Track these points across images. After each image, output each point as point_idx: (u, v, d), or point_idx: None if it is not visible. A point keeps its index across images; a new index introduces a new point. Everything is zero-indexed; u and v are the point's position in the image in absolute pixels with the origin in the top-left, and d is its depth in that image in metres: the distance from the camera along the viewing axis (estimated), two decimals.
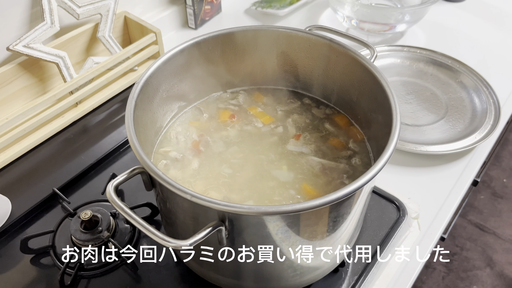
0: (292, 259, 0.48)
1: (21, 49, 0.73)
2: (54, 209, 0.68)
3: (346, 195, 0.40)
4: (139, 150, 0.43)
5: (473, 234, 1.63)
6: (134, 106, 0.48)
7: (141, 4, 0.96)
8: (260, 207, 0.39)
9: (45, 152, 0.75)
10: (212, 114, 0.63)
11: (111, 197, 0.42)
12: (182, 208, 0.46)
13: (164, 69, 0.55)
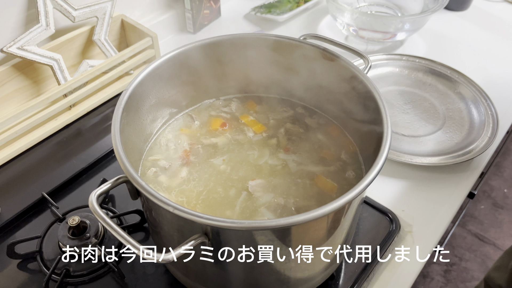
0: (280, 272, 0.47)
1: (15, 51, 0.72)
2: (43, 213, 0.67)
3: (333, 210, 0.39)
4: (124, 160, 0.43)
5: (472, 245, 1.62)
6: (121, 114, 0.48)
7: (140, 7, 0.96)
8: (242, 222, 0.38)
9: (37, 155, 0.75)
10: (203, 122, 0.62)
11: (93, 207, 0.41)
12: (166, 219, 0.45)
13: (154, 76, 0.54)
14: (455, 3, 1.09)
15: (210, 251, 0.43)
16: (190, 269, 0.52)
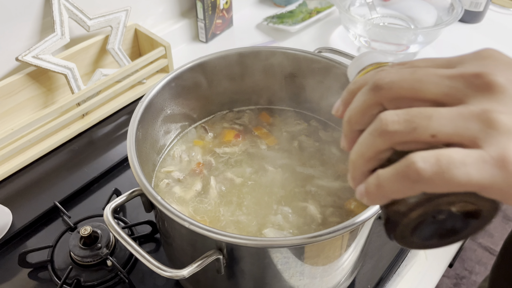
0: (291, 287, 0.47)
1: (30, 60, 0.73)
2: (54, 222, 0.67)
3: (349, 229, 0.39)
4: (139, 174, 0.43)
5: (482, 258, 1.60)
6: (136, 126, 0.47)
7: (153, 16, 0.96)
8: (257, 239, 0.38)
9: (49, 164, 0.75)
10: (217, 134, 0.62)
11: (108, 221, 0.41)
12: (180, 234, 0.45)
13: (169, 87, 0.54)
14: (469, 16, 1.08)
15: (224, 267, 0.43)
16: (201, 283, 0.51)
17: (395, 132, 0.24)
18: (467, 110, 0.23)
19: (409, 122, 0.24)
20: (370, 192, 0.25)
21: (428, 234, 0.27)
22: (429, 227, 0.27)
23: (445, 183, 0.22)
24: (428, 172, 0.22)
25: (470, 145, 0.23)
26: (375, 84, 0.26)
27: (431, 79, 0.25)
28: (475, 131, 0.23)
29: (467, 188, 0.22)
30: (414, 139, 0.24)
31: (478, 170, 0.22)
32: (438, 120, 0.23)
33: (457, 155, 0.22)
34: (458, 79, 0.25)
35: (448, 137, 0.23)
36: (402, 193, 0.24)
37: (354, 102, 0.28)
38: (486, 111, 0.23)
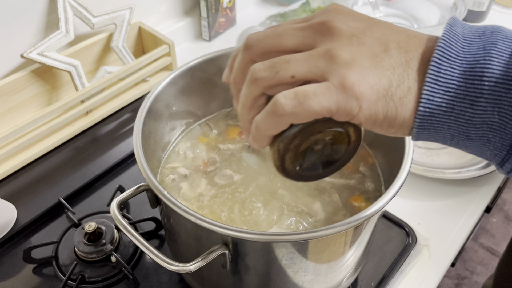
0: (297, 285, 0.47)
1: (35, 57, 0.73)
2: (59, 218, 0.67)
3: (353, 225, 0.39)
4: (146, 169, 0.43)
5: (484, 258, 1.60)
6: (143, 121, 0.48)
7: (156, 14, 0.97)
8: (264, 234, 0.38)
9: (53, 160, 0.75)
10: (221, 131, 0.62)
11: (115, 215, 0.41)
12: (186, 229, 0.45)
13: (174, 84, 0.54)
14: (472, 15, 1.08)
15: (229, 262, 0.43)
16: (205, 279, 0.52)
17: (262, 78, 0.29)
18: (315, 52, 0.29)
19: (272, 68, 0.29)
20: (253, 136, 0.31)
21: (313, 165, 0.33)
22: (312, 158, 0.33)
23: (304, 112, 0.27)
24: (289, 106, 0.27)
25: (321, 79, 0.28)
26: (246, 44, 0.31)
27: (288, 32, 0.30)
28: (322, 67, 0.28)
29: (322, 114, 0.28)
30: (278, 81, 0.29)
31: (327, 97, 0.27)
32: (294, 63, 0.28)
33: (310, 88, 0.27)
34: (309, 29, 0.30)
35: (304, 75, 0.28)
36: (276, 128, 0.29)
37: (234, 65, 0.33)
38: (329, 50, 0.28)
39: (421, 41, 0.29)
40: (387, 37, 0.29)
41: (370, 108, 0.28)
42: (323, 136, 0.31)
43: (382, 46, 0.28)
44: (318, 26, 0.29)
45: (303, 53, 0.29)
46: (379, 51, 0.28)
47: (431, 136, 0.29)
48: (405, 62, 0.28)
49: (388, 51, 0.28)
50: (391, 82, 0.27)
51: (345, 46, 0.28)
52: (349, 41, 0.28)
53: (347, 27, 0.29)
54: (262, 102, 0.30)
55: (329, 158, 0.33)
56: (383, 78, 0.27)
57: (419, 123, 0.28)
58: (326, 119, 0.29)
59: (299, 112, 0.27)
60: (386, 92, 0.27)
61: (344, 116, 0.28)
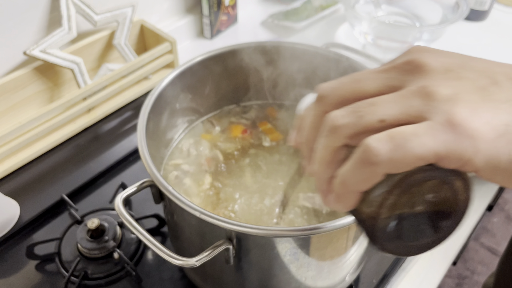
0: (300, 281, 0.47)
1: (37, 54, 0.73)
2: (61, 215, 0.68)
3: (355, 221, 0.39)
4: (150, 164, 0.43)
5: (485, 258, 1.60)
6: (147, 117, 0.48)
7: (158, 12, 0.97)
8: (268, 229, 0.38)
9: (56, 158, 0.75)
10: (224, 128, 0.62)
11: (119, 210, 0.41)
12: (190, 224, 0.45)
13: (178, 81, 0.55)
14: (474, 14, 1.08)
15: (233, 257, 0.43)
16: (208, 275, 0.52)
17: (344, 125, 0.25)
18: (406, 91, 0.24)
19: (355, 113, 0.25)
20: (338, 193, 0.26)
21: (410, 233, 0.26)
22: (409, 224, 0.26)
23: (403, 157, 0.22)
24: (384, 150, 0.22)
25: (418, 120, 0.23)
26: (318, 96, 0.27)
27: (368, 76, 0.26)
28: (419, 107, 0.23)
29: (426, 158, 0.22)
30: (363, 128, 0.24)
31: (432, 138, 0.22)
32: (382, 105, 0.24)
33: (408, 129, 0.23)
34: (393, 70, 0.26)
35: (396, 118, 0.24)
36: (367, 181, 0.24)
37: (305, 122, 0.29)
38: (423, 87, 0.24)
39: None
40: (492, 69, 0.25)
41: (489, 149, 0.22)
42: (425, 192, 0.25)
43: (488, 78, 0.24)
44: (404, 66, 0.25)
45: (391, 94, 0.25)
46: (485, 83, 0.24)
47: None
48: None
49: (498, 83, 0.24)
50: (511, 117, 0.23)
51: (442, 81, 0.24)
52: (445, 75, 0.24)
53: (439, 63, 0.25)
54: (342, 156, 0.26)
55: (432, 223, 0.26)
56: (499, 111, 0.23)
57: None
58: (427, 167, 0.23)
59: (397, 158, 0.22)
60: (506, 128, 0.23)
61: (456, 161, 0.23)
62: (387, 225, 0.25)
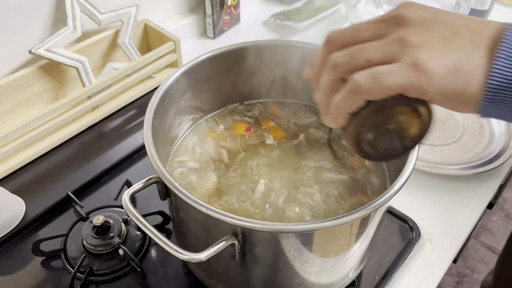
0: (304, 276, 0.48)
1: (43, 53, 0.74)
2: (66, 212, 0.68)
3: (359, 217, 0.40)
4: (157, 161, 0.44)
5: (485, 256, 1.60)
6: (153, 115, 0.48)
7: (161, 12, 0.97)
8: (273, 224, 0.39)
9: (61, 155, 0.76)
10: (228, 126, 0.63)
11: (126, 206, 0.42)
12: (196, 220, 0.46)
13: (183, 79, 0.55)
14: (474, 14, 1.09)
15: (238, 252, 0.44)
16: (213, 270, 0.52)
17: (341, 63, 0.33)
18: (388, 39, 0.32)
19: (350, 54, 0.33)
20: (333, 114, 0.34)
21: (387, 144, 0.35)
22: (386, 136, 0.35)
23: (378, 88, 0.31)
24: (365, 83, 0.31)
25: (394, 62, 0.31)
26: (326, 40, 0.35)
27: (364, 26, 0.34)
28: (396, 51, 0.31)
29: (395, 89, 0.30)
30: (355, 66, 0.32)
31: (399, 75, 0.30)
32: (370, 49, 0.32)
33: (384, 68, 0.31)
34: (382, 22, 0.33)
35: (378, 59, 0.32)
36: (352, 105, 0.33)
37: (315, 61, 0.36)
38: (401, 36, 0.31)
39: (490, 24, 0.31)
40: (457, 22, 0.31)
41: (440, 83, 0.29)
42: (396, 114, 0.33)
43: (452, 30, 0.31)
44: (390, 18, 0.32)
45: (377, 41, 0.32)
46: (448, 34, 0.30)
47: (500, 111, 0.30)
48: (475, 42, 0.30)
49: (458, 34, 0.30)
50: (461, 59, 0.29)
51: (416, 32, 0.31)
52: (419, 27, 0.31)
53: (417, 16, 0.31)
54: (339, 86, 0.33)
55: (403, 137, 0.35)
56: (452, 56, 0.30)
57: (489, 97, 0.29)
58: (398, 96, 0.31)
59: (374, 89, 0.30)
60: (455, 68, 0.29)
61: (415, 92, 0.30)
62: (367, 137, 0.34)
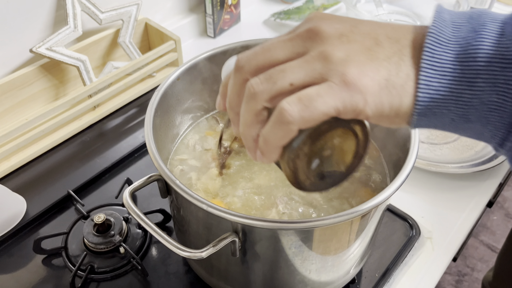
0: (304, 274, 0.48)
1: (44, 52, 0.74)
2: (67, 210, 0.68)
3: (359, 214, 0.40)
4: (157, 158, 0.44)
5: (485, 255, 1.61)
6: (154, 113, 0.49)
7: (162, 11, 0.98)
8: (274, 221, 0.39)
9: (62, 154, 0.76)
10: (228, 124, 0.63)
11: (127, 203, 0.42)
12: (196, 217, 0.46)
13: (184, 78, 0.55)
14: None
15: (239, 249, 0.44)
16: (214, 268, 0.53)
17: (261, 91, 0.29)
18: (309, 56, 0.29)
19: (269, 79, 0.29)
20: (262, 150, 0.30)
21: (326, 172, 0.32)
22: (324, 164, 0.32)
23: (311, 114, 0.27)
24: (295, 111, 0.27)
25: (320, 81, 0.28)
26: (236, 66, 0.31)
27: (277, 45, 0.30)
28: (319, 70, 0.28)
29: (330, 113, 0.27)
30: (277, 91, 0.29)
31: (331, 96, 0.27)
32: (291, 71, 0.29)
33: (312, 91, 0.27)
34: (297, 39, 0.30)
35: (302, 81, 0.28)
36: (284, 137, 0.29)
37: (228, 89, 0.32)
38: (322, 52, 0.28)
39: (408, 30, 0.29)
40: (375, 31, 0.29)
41: (375, 100, 0.27)
42: (332, 139, 0.31)
43: (372, 39, 0.29)
44: (305, 34, 0.30)
45: (297, 60, 0.29)
46: (370, 44, 0.29)
47: (431, 122, 0.29)
48: (398, 51, 0.28)
49: (380, 43, 0.29)
50: (390, 71, 0.28)
51: (337, 46, 0.28)
52: (339, 40, 0.29)
53: (333, 29, 0.29)
54: (263, 117, 0.30)
55: (341, 162, 0.33)
56: (381, 68, 0.28)
57: (419, 110, 0.28)
58: (331, 119, 0.28)
59: (306, 116, 0.27)
60: (387, 82, 0.28)
61: (351, 113, 0.28)
62: (304, 169, 0.31)
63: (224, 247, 0.42)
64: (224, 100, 0.34)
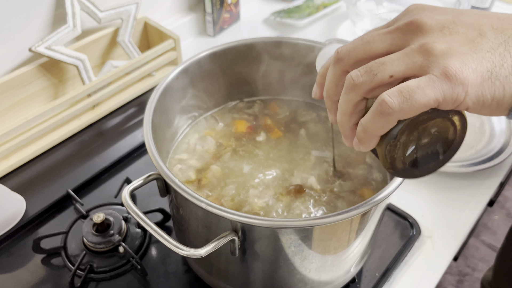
0: (304, 273, 0.48)
1: (43, 51, 0.74)
2: (67, 210, 0.68)
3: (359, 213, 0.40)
4: (156, 157, 0.44)
5: (486, 255, 1.60)
6: (153, 112, 0.48)
7: (161, 10, 0.97)
8: (273, 220, 0.39)
9: (61, 153, 0.76)
10: (227, 124, 0.63)
11: (126, 202, 0.42)
12: (196, 216, 0.46)
13: (182, 77, 0.55)
14: None
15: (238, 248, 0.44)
16: (214, 267, 0.52)
17: (361, 83, 0.30)
18: (409, 49, 0.29)
19: (370, 72, 0.30)
20: (361, 138, 0.31)
21: (422, 160, 0.33)
22: (420, 152, 0.32)
23: (411, 106, 0.28)
24: (396, 103, 0.28)
25: (421, 74, 0.28)
26: (336, 58, 0.32)
27: (376, 38, 0.31)
28: (420, 62, 0.28)
29: (429, 105, 0.28)
30: (377, 83, 0.30)
31: (432, 89, 0.27)
32: (391, 63, 0.29)
33: (413, 83, 0.28)
34: (396, 31, 0.31)
35: (403, 73, 0.29)
36: (384, 127, 0.30)
37: (327, 79, 0.34)
38: (423, 45, 0.29)
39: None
40: (479, 22, 0.29)
41: (476, 91, 0.28)
42: (429, 128, 0.31)
43: (476, 31, 0.29)
44: (405, 26, 0.30)
45: (397, 52, 0.30)
46: (474, 36, 0.29)
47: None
48: (504, 42, 0.28)
49: (484, 35, 0.29)
50: (494, 63, 0.28)
51: (438, 38, 0.29)
52: (441, 33, 0.29)
53: (435, 21, 0.29)
54: (362, 107, 0.31)
55: (437, 150, 0.33)
56: (484, 60, 0.28)
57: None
58: (430, 110, 0.29)
59: (406, 108, 0.28)
60: (490, 74, 0.28)
61: (451, 104, 0.28)
62: (401, 157, 0.32)
63: (223, 246, 0.41)
64: (320, 89, 0.36)
